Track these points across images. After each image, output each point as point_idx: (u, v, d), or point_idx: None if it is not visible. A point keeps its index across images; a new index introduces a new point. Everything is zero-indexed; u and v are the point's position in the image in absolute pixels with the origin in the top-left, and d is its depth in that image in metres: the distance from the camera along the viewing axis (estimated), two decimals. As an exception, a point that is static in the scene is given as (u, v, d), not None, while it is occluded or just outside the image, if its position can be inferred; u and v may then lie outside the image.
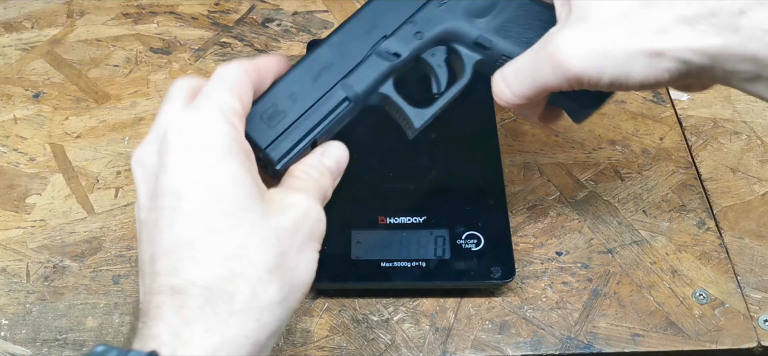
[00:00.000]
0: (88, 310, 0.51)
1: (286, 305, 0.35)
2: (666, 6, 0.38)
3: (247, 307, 0.33)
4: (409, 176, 0.55)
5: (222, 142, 0.36)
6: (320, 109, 0.42)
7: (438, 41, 0.44)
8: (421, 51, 0.44)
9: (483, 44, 0.44)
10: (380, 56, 0.43)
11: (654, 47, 0.38)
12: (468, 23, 0.44)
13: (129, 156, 0.60)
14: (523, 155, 0.59)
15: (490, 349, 0.48)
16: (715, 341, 0.49)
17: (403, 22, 0.43)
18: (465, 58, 0.44)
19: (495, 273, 0.49)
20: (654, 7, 0.38)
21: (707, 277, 0.52)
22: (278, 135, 0.40)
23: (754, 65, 0.37)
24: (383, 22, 0.43)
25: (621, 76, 0.39)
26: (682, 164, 0.59)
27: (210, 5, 0.74)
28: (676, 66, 0.38)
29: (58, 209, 0.56)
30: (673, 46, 0.38)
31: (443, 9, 0.44)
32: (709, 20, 0.37)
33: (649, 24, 0.38)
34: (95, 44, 0.69)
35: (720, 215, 0.56)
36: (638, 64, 0.38)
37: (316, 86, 0.42)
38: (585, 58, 0.39)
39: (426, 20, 0.44)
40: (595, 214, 0.56)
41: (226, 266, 0.34)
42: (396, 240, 0.51)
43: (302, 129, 0.41)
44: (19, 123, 0.63)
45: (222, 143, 0.36)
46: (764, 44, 0.36)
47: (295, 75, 0.42)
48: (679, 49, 0.38)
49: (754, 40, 0.36)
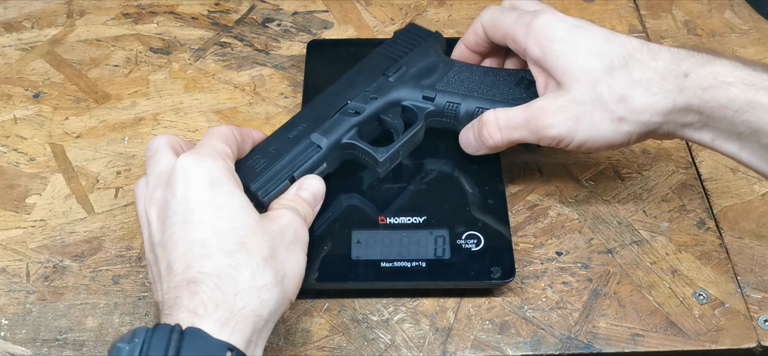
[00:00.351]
0: (88, 310, 0.51)
1: (282, 288, 0.42)
2: (625, 75, 0.47)
3: (249, 287, 0.40)
4: (409, 176, 0.55)
5: (220, 171, 0.45)
6: (295, 155, 0.51)
7: (391, 102, 0.55)
8: (378, 111, 0.55)
9: (429, 96, 0.55)
10: (344, 114, 0.54)
11: (616, 114, 0.47)
12: (413, 87, 0.56)
13: (129, 156, 0.60)
14: (523, 155, 0.59)
15: (490, 349, 0.48)
16: (715, 341, 0.49)
17: (362, 91, 0.55)
18: (417, 110, 0.55)
19: (495, 273, 0.49)
20: (616, 76, 0.47)
21: (707, 277, 0.52)
22: (261, 177, 0.49)
23: (699, 117, 0.46)
24: (346, 92, 0.55)
25: (589, 140, 0.48)
26: (682, 164, 0.59)
27: (210, 5, 0.74)
28: (636, 128, 0.47)
29: (58, 209, 0.56)
30: (631, 109, 0.46)
31: (392, 80, 0.56)
32: (660, 84, 0.46)
33: (612, 94, 0.47)
34: (95, 44, 0.69)
35: (720, 215, 0.56)
36: (604, 129, 0.47)
37: (291, 140, 0.52)
38: (560, 124, 0.48)
39: (379, 88, 0.56)
40: (595, 214, 0.56)
41: (231, 257, 0.41)
42: (396, 240, 0.51)
43: (281, 171, 0.50)
44: (19, 123, 0.63)
45: (220, 172, 0.45)
46: (704, 100, 0.45)
47: (275, 135, 0.53)
48: (636, 112, 0.46)
49: (696, 98, 0.45)
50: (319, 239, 0.52)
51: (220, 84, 0.66)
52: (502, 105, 0.53)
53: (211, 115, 0.63)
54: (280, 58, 0.68)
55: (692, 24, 0.71)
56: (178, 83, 0.66)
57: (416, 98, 0.55)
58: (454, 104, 0.55)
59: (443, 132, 0.57)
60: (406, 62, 0.57)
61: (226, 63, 0.68)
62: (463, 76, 0.56)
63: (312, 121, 0.53)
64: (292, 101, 0.64)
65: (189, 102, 0.64)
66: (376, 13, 0.72)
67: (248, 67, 0.67)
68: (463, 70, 0.56)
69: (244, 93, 0.65)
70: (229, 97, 0.65)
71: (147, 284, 0.52)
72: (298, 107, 0.63)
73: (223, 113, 0.63)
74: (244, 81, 0.66)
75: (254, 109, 0.63)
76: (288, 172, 0.50)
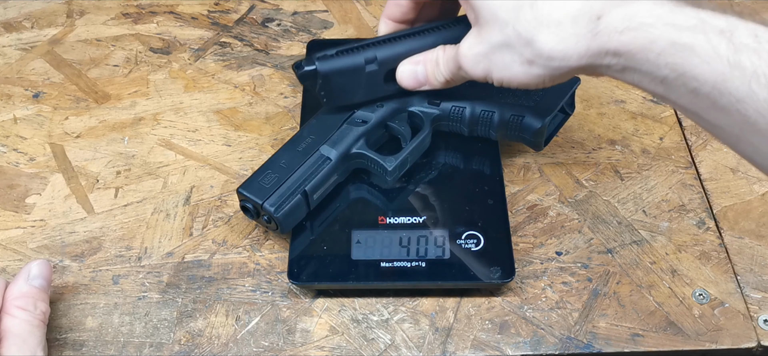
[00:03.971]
0: (87, 310, 0.50)
1: None
2: (532, 16, 0.43)
3: None
4: (409, 176, 0.55)
5: None
6: (305, 168, 0.52)
7: (398, 108, 0.55)
8: (385, 118, 0.55)
9: (434, 101, 0.55)
10: (352, 124, 0.54)
11: (525, 57, 0.44)
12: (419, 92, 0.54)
13: (129, 156, 0.60)
14: (523, 155, 0.59)
15: (489, 349, 0.48)
16: (714, 341, 0.49)
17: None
18: (423, 116, 0.55)
19: (495, 272, 0.49)
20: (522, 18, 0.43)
21: (707, 277, 0.52)
22: (273, 192, 0.50)
23: (618, 60, 0.41)
24: None
25: (504, 79, 0.46)
26: (681, 163, 0.59)
27: (210, 5, 0.74)
28: (548, 72, 0.44)
29: (57, 209, 0.56)
30: (539, 53, 0.43)
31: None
32: (570, 28, 0.42)
33: (518, 38, 0.44)
34: (95, 44, 0.69)
35: (720, 215, 0.56)
36: (516, 71, 0.45)
37: (301, 154, 0.52)
38: (474, 61, 0.47)
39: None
40: (595, 214, 0.56)
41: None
42: (396, 240, 0.51)
43: (292, 185, 0.51)
44: (19, 123, 0.63)
45: None
46: (621, 43, 0.40)
47: (284, 149, 0.53)
48: (544, 56, 0.43)
49: (612, 42, 0.41)
50: (319, 239, 0.52)
51: (219, 84, 0.66)
52: (508, 106, 0.54)
53: (211, 115, 0.63)
54: (279, 58, 0.68)
55: (692, 24, 0.71)
56: (178, 83, 0.66)
57: (422, 103, 0.55)
58: (459, 108, 0.55)
59: (443, 132, 0.57)
60: None
61: (226, 63, 0.68)
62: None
63: (319, 132, 0.53)
64: (292, 101, 0.64)
65: (189, 102, 0.64)
66: (376, 13, 0.72)
67: (248, 67, 0.67)
68: None
69: (244, 93, 0.65)
70: (228, 97, 0.65)
71: (147, 284, 0.52)
72: (297, 106, 0.63)
73: (223, 113, 0.63)
74: (243, 81, 0.66)
75: (254, 109, 0.63)
76: (300, 186, 0.51)
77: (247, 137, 0.61)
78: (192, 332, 0.49)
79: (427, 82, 0.52)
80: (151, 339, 0.49)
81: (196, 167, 0.59)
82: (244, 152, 0.60)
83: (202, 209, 0.56)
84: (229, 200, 0.57)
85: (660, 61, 0.39)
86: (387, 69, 0.52)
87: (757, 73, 0.36)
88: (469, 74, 0.48)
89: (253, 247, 0.54)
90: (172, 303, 0.51)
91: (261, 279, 0.52)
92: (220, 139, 0.61)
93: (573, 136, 0.61)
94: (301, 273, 0.50)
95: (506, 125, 0.54)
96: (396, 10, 0.54)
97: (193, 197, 0.57)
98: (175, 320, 0.50)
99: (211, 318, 0.50)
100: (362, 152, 0.53)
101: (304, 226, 0.52)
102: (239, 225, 0.55)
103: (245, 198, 0.51)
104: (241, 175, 0.58)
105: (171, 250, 0.54)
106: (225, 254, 0.53)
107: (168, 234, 0.55)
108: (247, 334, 0.49)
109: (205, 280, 0.52)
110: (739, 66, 0.36)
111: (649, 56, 0.39)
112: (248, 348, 0.48)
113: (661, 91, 0.41)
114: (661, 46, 0.39)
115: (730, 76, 0.37)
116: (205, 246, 0.54)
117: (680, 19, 0.39)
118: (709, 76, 0.38)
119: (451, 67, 0.49)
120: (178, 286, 0.52)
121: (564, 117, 0.57)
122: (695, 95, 0.39)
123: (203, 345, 0.49)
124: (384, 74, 0.53)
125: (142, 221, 0.55)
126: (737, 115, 0.37)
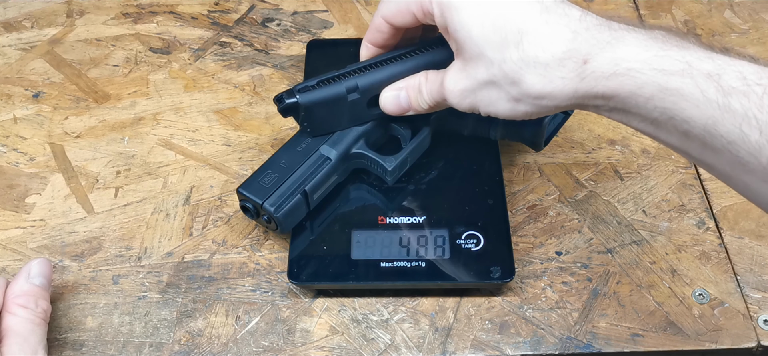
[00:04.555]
0: (87, 310, 0.50)
1: None
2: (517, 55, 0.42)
3: None
4: (409, 176, 0.55)
5: None
6: (305, 168, 0.51)
7: None
8: (385, 118, 0.53)
9: None
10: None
11: (511, 95, 0.43)
12: None
13: (129, 156, 0.60)
14: (523, 155, 0.59)
15: (489, 349, 0.48)
16: (714, 341, 0.49)
17: None
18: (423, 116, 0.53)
19: (495, 272, 0.49)
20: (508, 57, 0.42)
21: (707, 277, 0.52)
22: (273, 192, 0.50)
23: (607, 102, 0.41)
24: None
25: (491, 113, 0.45)
26: (681, 163, 0.59)
27: (210, 5, 0.74)
28: (535, 109, 0.43)
29: (57, 208, 0.56)
30: (526, 93, 0.42)
31: None
32: (557, 70, 0.41)
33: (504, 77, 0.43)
34: (95, 44, 0.69)
35: (720, 215, 0.56)
36: (502, 107, 0.44)
37: (301, 153, 0.52)
38: (461, 97, 0.46)
39: None
40: (594, 214, 0.56)
41: None
42: (396, 240, 0.51)
43: (292, 185, 0.51)
44: (19, 123, 0.62)
45: None
46: (609, 88, 0.40)
47: (284, 149, 0.53)
48: (531, 96, 0.42)
49: (599, 86, 0.40)
50: (319, 239, 0.52)
51: (219, 84, 0.66)
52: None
53: (211, 114, 0.63)
54: (279, 58, 0.68)
55: (692, 24, 0.71)
56: (178, 83, 0.66)
57: None
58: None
59: (442, 132, 0.57)
60: None
61: (225, 63, 0.68)
62: None
63: None
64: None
65: (189, 102, 0.64)
66: (375, 12, 0.72)
67: (248, 66, 0.67)
68: None
69: (244, 93, 0.65)
70: (228, 97, 0.65)
71: (147, 284, 0.52)
72: (297, 106, 0.63)
73: (223, 113, 0.63)
74: (243, 81, 0.66)
75: (254, 109, 0.63)
76: (300, 186, 0.51)
77: (247, 137, 0.61)
78: (192, 332, 0.49)
79: (411, 108, 0.51)
80: (151, 338, 0.49)
81: (196, 167, 0.59)
82: (244, 152, 0.60)
83: (202, 209, 0.56)
84: (229, 200, 0.57)
85: (649, 106, 0.39)
86: (369, 96, 0.52)
87: (748, 116, 0.36)
88: (455, 107, 0.47)
89: (253, 247, 0.54)
90: (172, 303, 0.51)
91: (261, 278, 0.52)
92: (220, 139, 0.61)
93: (573, 136, 0.61)
94: (301, 272, 0.50)
95: (506, 125, 0.54)
96: (377, 37, 0.53)
97: (193, 197, 0.57)
98: (175, 320, 0.50)
99: (210, 318, 0.50)
100: (362, 152, 0.53)
101: (304, 226, 0.52)
102: (239, 225, 0.55)
103: (245, 198, 0.51)
104: (241, 175, 0.58)
105: (171, 250, 0.54)
106: (225, 254, 0.53)
107: (168, 234, 0.55)
108: (247, 334, 0.49)
109: (205, 280, 0.52)
110: (730, 109, 0.36)
111: (638, 101, 0.39)
112: (248, 348, 0.48)
113: (652, 131, 0.41)
114: (650, 92, 0.39)
115: (721, 119, 0.37)
116: (205, 246, 0.54)
117: (667, 64, 0.38)
118: (699, 120, 0.38)
119: (435, 97, 0.49)
120: (178, 286, 0.52)
121: (564, 117, 0.57)
122: (686, 137, 0.39)
123: (203, 345, 0.49)
124: (367, 101, 0.52)
125: (141, 221, 0.55)
126: (729, 155, 0.37)
